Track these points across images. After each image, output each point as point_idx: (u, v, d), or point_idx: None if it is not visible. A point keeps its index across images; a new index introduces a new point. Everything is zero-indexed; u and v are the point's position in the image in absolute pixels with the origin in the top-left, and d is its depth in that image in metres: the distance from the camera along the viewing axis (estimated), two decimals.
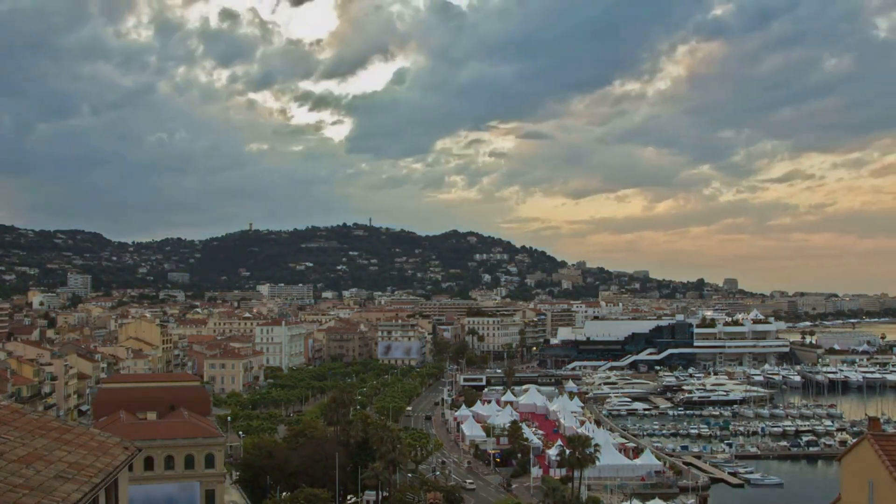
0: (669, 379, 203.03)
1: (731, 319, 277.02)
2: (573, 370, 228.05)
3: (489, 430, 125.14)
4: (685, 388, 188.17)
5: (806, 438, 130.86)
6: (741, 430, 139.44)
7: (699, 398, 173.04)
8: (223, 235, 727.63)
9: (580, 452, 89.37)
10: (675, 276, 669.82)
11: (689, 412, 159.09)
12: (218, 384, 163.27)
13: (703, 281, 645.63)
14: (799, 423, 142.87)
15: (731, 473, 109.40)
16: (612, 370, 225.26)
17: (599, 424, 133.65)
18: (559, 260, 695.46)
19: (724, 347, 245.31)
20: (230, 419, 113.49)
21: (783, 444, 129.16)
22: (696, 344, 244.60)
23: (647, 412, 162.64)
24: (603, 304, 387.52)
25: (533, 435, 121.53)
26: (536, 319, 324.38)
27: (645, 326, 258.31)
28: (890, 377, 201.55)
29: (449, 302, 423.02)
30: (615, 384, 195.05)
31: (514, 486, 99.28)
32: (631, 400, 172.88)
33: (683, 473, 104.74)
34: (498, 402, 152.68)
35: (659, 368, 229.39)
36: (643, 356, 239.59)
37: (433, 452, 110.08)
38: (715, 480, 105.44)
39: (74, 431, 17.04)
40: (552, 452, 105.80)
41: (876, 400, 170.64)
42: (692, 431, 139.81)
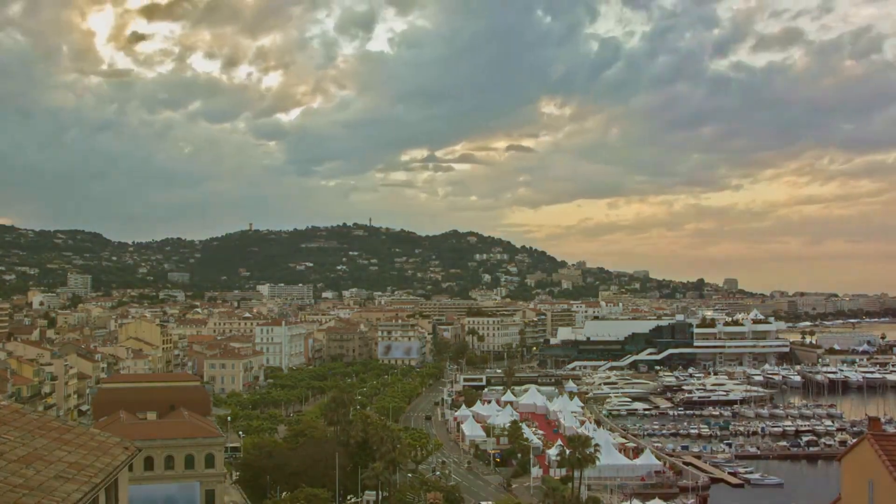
0: (669, 379, 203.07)
1: (731, 319, 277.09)
2: (573, 370, 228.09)
3: (489, 430, 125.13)
4: (685, 388, 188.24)
5: (806, 438, 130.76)
6: (741, 430, 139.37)
7: (699, 398, 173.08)
8: (223, 235, 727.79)
9: (580, 452, 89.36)
10: (674, 276, 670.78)
11: (689, 412, 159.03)
12: (218, 384, 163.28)
13: (702, 281, 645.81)
14: (799, 423, 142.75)
15: (731, 473, 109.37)
16: (612, 370, 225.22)
17: (599, 424, 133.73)
18: (559, 260, 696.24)
19: (724, 347, 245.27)
20: (230, 419, 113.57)
21: (783, 444, 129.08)
22: (696, 344, 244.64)
23: (647, 412, 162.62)
24: (603, 304, 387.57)
25: (533, 435, 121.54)
26: (536, 319, 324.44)
27: (645, 326, 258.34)
28: (890, 377, 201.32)
29: (449, 302, 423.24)
30: (615, 384, 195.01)
31: (514, 486, 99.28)
32: (631, 400, 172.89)
33: (683, 473, 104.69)
34: (498, 402, 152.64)
35: (659, 368, 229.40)
36: (643, 356, 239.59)
37: (433, 452, 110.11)
38: (715, 480, 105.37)
39: (74, 431, 17.04)
40: (552, 452, 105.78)
41: (876, 400, 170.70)
42: (692, 431, 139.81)
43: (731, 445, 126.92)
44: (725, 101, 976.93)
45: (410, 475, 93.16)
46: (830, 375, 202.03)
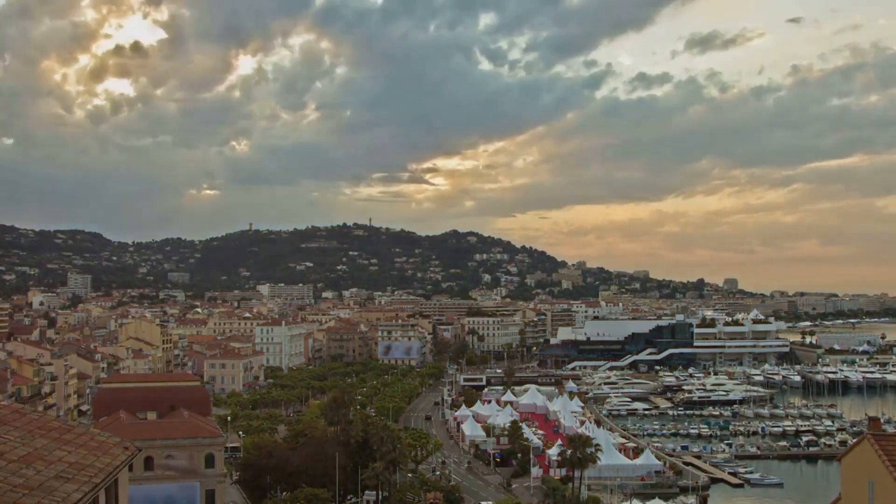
0: (669, 379, 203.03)
1: (731, 319, 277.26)
2: (573, 370, 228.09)
3: (489, 430, 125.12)
4: (685, 387, 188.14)
5: (806, 438, 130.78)
6: (741, 430, 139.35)
7: (699, 398, 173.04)
8: (223, 235, 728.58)
9: (580, 452, 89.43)
10: (675, 276, 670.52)
11: (689, 412, 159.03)
12: (218, 384, 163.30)
13: (703, 281, 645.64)
14: (799, 423, 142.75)
15: (730, 473, 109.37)
16: (612, 370, 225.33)
17: (599, 424, 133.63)
18: (559, 260, 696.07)
19: (724, 347, 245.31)
20: (230, 419, 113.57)
21: (783, 444, 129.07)
22: (696, 344, 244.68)
23: (647, 412, 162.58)
24: (603, 303, 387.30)
25: (533, 435, 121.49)
26: (536, 319, 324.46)
27: (645, 326, 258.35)
28: (890, 377, 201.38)
29: (449, 302, 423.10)
30: (615, 384, 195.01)
31: (514, 486, 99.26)
32: (631, 400, 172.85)
33: (683, 473, 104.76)
34: (498, 402, 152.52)
35: (659, 368, 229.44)
36: (643, 356, 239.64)
37: (433, 452, 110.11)
38: (715, 480, 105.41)
39: (74, 431, 17.04)
40: (552, 452, 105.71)
41: (876, 400, 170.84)
42: (692, 431, 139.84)
43: (730, 445, 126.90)
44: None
45: (410, 475, 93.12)
46: (830, 375, 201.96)
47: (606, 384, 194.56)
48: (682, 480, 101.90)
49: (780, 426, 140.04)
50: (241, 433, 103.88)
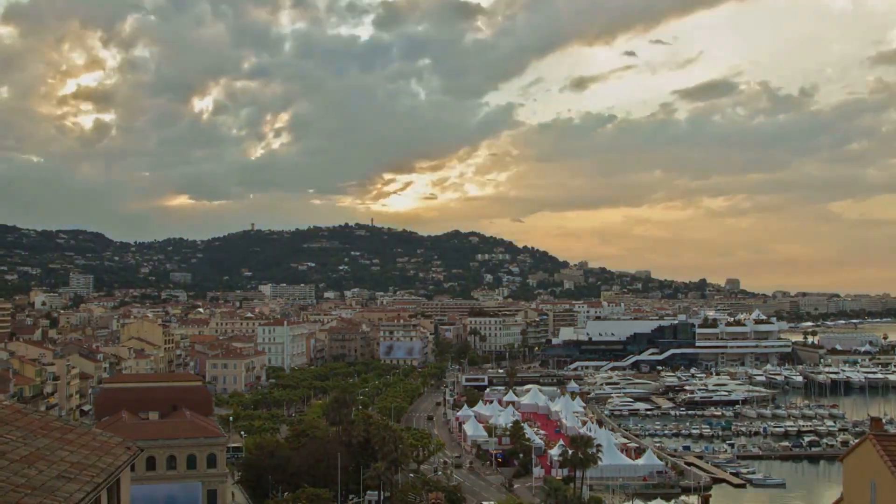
0: (671, 379, 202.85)
1: (733, 320, 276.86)
2: (575, 370, 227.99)
3: (491, 430, 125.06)
4: (687, 388, 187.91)
5: (808, 439, 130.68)
6: (743, 430, 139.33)
7: (701, 398, 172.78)
8: (225, 236, 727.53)
9: (582, 452, 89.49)
10: (676, 276, 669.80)
11: (691, 412, 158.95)
12: (220, 384, 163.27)
13: (705, 281, 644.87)
14: (801, 423, 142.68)
15: (732, 474, 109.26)
16: (614, 370, 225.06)
17: (601, 424, 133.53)
18: (561, 260, 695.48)
19: (726, 347, 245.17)
20: (232, 419, 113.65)
21: (785, 444, 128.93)
22: (698, 344, 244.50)
23: (649, 412, 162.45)
24: (605, 304, 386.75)
25: (535, 435, 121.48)
26: (538, 319, 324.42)
27: (647, 326, 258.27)
28: (892, 377, 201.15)
29: (451, 302, 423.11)
30: (617, 384, 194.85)
31: (515, 486, 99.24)
32: (633, 400, 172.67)
33: (685, 474, 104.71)
34: (500, 402, 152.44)
35: (661, 368, 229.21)
36: (645, 356, 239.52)
37: (435, 453, 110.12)
38: (717, 481, 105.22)
39: (76, 431, 17.05)
40: (554, 452, 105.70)
41: (878, 400, 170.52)
42: (694, 432, 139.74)
43: (732, 446, 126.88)
44: None
45: (412, 475, 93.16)
46: (832, 376, 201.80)
47: (608, 384, 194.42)
48: (683, 481, 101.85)
49: (782, 426, 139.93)
50: (242, 433, 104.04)
